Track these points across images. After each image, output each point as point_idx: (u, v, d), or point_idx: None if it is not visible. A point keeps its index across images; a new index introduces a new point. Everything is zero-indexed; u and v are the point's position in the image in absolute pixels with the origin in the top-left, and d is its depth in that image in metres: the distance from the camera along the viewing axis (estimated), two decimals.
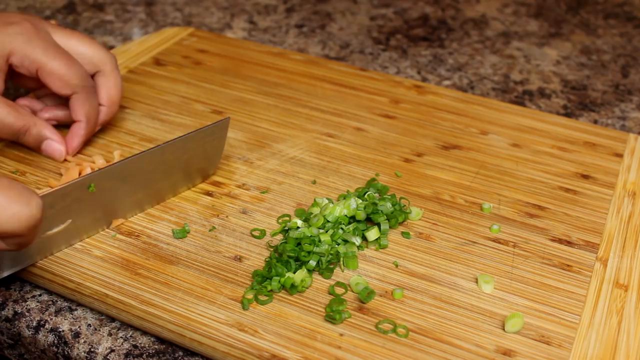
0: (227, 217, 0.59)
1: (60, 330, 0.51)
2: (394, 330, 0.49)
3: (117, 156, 0.65)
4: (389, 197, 0.59)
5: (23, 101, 0.67)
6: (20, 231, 0.44)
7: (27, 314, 0.53)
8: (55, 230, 0.53)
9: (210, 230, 0.57)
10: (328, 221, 0.56)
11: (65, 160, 0.64)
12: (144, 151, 0.57)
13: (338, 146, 0.69)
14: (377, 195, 0.59)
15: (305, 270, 0.52)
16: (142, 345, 0.50)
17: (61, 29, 0.65)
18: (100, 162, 0.64)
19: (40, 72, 0.62)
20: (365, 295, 0.50)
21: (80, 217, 0.54)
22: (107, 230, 0.57)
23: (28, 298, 0.54)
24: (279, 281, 0.51)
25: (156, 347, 0.50)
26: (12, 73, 0.64)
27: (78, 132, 0.64)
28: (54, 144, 0.64)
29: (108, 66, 0.66)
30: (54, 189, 0.51)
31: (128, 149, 0.67)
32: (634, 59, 0.95)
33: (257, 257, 0.55)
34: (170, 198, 0.61)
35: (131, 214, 0.58)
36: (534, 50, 0.96)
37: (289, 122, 0.72)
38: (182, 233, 0.56)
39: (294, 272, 0.52)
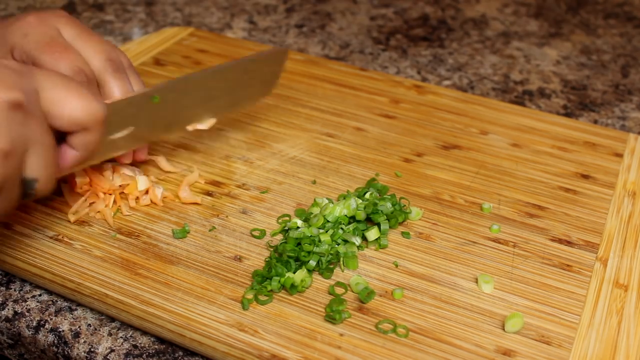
0: (227, 217, 0.59)
1: (60, 330, 0.51)
2: (394, 330, 0.49)
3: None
4: (389, 197, 0.59)
5: None
6: (88, 122, 0.49)
7: (27, 314, 0.53)
8: (118, 135, 0.56)
9: (210, 230, 0.57)
10: (328, 221, 0.56)
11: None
12: (207, 69, 0.61)
13: (338, 146, 0.69)
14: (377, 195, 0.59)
15: (305, 270, 0.52)
16: (142, 345, 0.50)
17: (72, 26, 0.61)
18: (163, 164, 0.64)
19: (35, 66, 0.59)
20: (365, 295, 0.50)
21: (143, 125, 0.58)
22: (108, 230, 0.57)
23: (28, 298, 0.54)
24: (279, 281, 0.51)
25: (156, 347, 0.50)
26: None
27: None
28: None
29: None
30: (118, 99, 0.56)
31: None
32: (634, 59, 0.95)
33: (257, 257, 0.55)
34: (230, 113, 0.66)
35: (193, 124, 0.63)
36: (534, 50, 0.96)
37: (289, 122, 0.72)
38: (182, 233, 0.56)
39: (294, 272, 0.52)
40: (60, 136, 0.50)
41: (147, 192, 0.60)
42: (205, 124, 0.63)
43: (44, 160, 0.47)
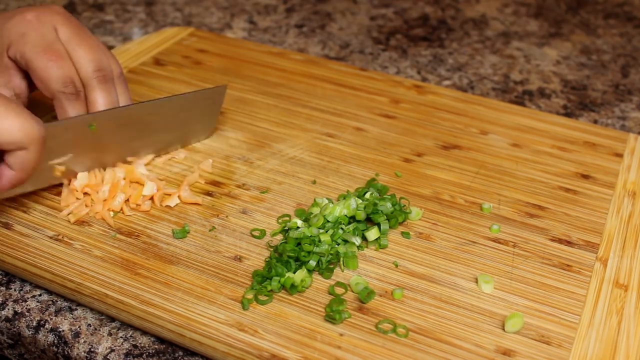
0: (227, 217, 0.59)
1: (60, 330, 0.51)
2: (394, 330, 0.49)
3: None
4: (389, 197, 0.59)
5: None
6: (25, 141, 0.49)
7: (27, 314, 0.53)
8: (57, 161, 0.57)
9: (210, 230, 0.57)
10: (328, 221, 0.56)
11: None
12: (144, 101, 0.61)
13: (338, 146, 0.69)
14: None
15: (305, 270, 0.52)
16: (142, 345, 0.50)
17: (69, 25, 0.61)
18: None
19: (28, 70, 0.59)
20: (365, 295, 0.50)
21: (81, 153, 0.59)
22: (108, 230, 0.57)
23: (28, 298, 0.54)
24: (279, 281, 0.51)
25: (156, 347, 0.50)
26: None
27: None
28: None
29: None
30: (56, 122, 0.57)
31: None
32: (634, 59, 0.95)
33: (257, 257, 0.55)
34: (164, 153, 0.66)
35: (130, 156, 0.63)
36: (534, 50, 0.96)
37: (289, 122, 0.72)
38: (182, 233, 0.56)
39: (294, 272, 0.52)
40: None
41: (151, 198, 0.60)
42: (143, 160, 0.64)
43: None
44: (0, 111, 0.49)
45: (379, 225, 0.57)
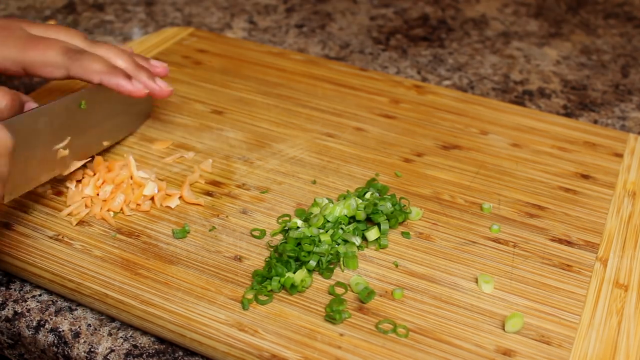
0: (227, 217, 0.59)
1: (60, 330, 0.51)
2: (394, 330, 0.49)
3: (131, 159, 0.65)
4: (389, 197, 0.59)
5: None
6: None
7: (27, 314, 0.53)
8: (60, 145, 0.58)
9: (210, 230, 0.57)
10: (328, 221, 0.56)
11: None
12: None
13: (338, 146, 0.69)
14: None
15: (305, 270, 0.52)
16: (142, 345, 0.50)
17: (36, 23, 0.63)
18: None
19: (27, 68, 0.60)
20: (365, 295, 0.50)
21: (75, 136, 0.60)
22: (108, 230, 0.57)
23: (28, 298, 0.54)
24: (279, 281, 0.51)
25: (156, 347, 0.50)
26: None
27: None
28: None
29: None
30: (46, 105, 0.56)
31: (128, 149, 0.67)
32: (634, 59, 0.95)
33: (257, 257, 0.55)
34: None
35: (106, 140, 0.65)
36: (534, 50, 0.96)
37: (289, 122, 0.72)
38: (182, 233, 0.56)
39: (294, 272, 0.52)
40: None
41: (152, 198, 0.60)
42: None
43: None
44: None
45: (379, 225, 0.57)
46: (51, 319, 0.52)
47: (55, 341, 0.51)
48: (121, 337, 0.51)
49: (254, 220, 0.59)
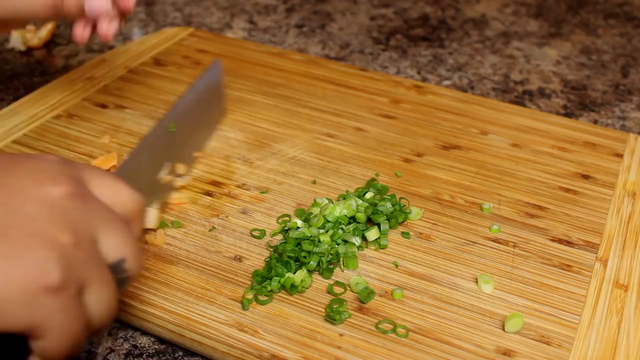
0: (227, 217, 0.59)
1: None
2: (394, 330, 0.49)
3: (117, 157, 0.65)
4: (389, 197, 0.59)
5: None
6: (137, 211, 0.41)
7: None
8: (164, 172, 0.60)
9: (210, 230, 0.57)
10: (328, 221, 0.56)
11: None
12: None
13: (338, 146, 0.69)
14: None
15: (305, 270, 0.52)
16: (142, 345, 0.50)
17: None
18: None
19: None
20: (365, 295, 0.50)
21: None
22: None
23: None
24: (279, 281, 0.51)
25: (156, 347, 0.50)
26: None
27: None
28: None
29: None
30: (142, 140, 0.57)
31: (128, 149, 0.67)
32: (634, 59, 0.95)
33: (257, 257, 0.55)
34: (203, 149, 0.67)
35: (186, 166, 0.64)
36: (534, 50, 0.96)
37: (289, 122, 0.72)
38: (178, 223, 0.57)
39: (294, 272, 0.52)
40: None
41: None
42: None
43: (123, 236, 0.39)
44: (111, 182, 0.40)
45: (379, 225, 0.57)
46: None
47: None
48: (121, 337, 0.51)
49: (253, 221, 0.59)
